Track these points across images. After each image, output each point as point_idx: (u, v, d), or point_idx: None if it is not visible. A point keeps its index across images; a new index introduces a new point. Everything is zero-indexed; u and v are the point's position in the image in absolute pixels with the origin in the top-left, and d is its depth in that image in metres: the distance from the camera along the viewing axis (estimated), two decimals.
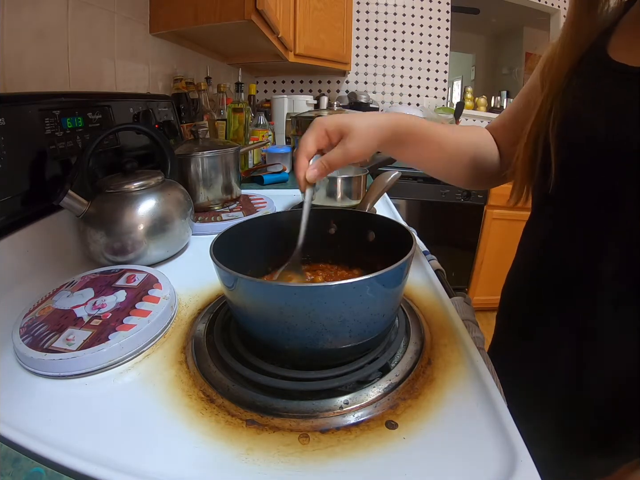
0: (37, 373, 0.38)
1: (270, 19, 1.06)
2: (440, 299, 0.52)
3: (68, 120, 0.63)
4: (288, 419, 0.33)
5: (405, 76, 2.43)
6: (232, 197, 0.89)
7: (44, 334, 0.40)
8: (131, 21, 0.91)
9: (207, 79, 1.28)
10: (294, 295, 0.33)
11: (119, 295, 0.47)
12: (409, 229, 0.44)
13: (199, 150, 0.81)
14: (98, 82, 0.80)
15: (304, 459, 0.29)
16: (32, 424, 0.32)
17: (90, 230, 0.56)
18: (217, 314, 0.46)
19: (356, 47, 2.35)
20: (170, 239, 0.62)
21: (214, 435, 0.31)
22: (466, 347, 0.42)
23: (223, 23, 0.96)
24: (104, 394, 0.36)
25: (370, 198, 0.61)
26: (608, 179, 0.41)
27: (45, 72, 0.64)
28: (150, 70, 1.02)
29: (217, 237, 0.42)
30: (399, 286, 0.38)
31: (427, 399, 0.35)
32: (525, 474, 0.27)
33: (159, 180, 0.63)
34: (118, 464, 0.28)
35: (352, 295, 0.33)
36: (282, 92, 2.42)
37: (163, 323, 0.45)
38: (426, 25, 2.35)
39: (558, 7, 2.40)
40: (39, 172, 0.56)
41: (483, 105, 2.53)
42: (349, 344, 0.36)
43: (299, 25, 1.64)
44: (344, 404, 0.34)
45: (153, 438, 0.31)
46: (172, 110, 1.02)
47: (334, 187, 0.83)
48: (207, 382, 0.37)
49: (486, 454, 0.29)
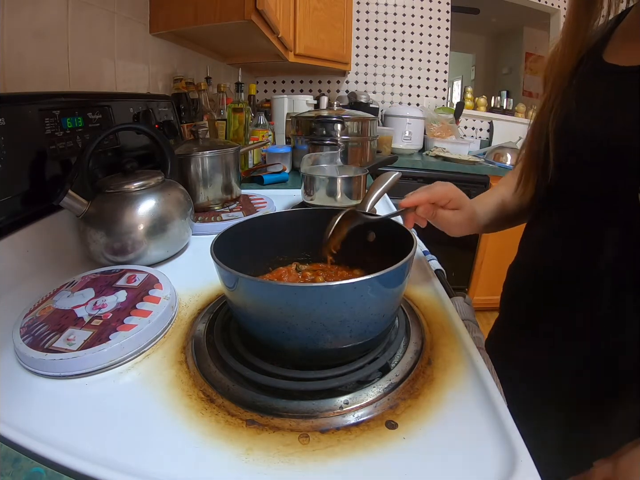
0: (37, 373, 0.38)
1: (270, 19, 1.06)
2: (440, 299, 0.52)
3: (68, 120, 0.63)
4: (288, 419, 0.33)
5: (405, 76, 2.43)
6: (232, 197, 0.89)
7: (45, 334, 0.40)
8: (131, 21, 0.91)
9: (207, 79, 1.28)
10: (295, 295, 0.33)
11: (120, 295, 0.47)
12: (409, 229, 0.44)
13: (199, 150, 0.81)
14: (98, 82, 0.80)
15: (304, 459, 0.29)
16: (32, 424, 0.32)
17: (90, 230, 0.56)
18: (217, 314, 0.46)
19: (356, 47, 2.35)
20: (170, 239, 0.62)
21: (214, 435, 0.31)
22: (466, 347, 0.42)
23: (223, 23, 0.96)
24: (104, 394, 0.36)
25: (370, 198, 0.61)
26: (603, 176, 0.43)
27: (45, 72, 0.64)
28: (150, 70, 1.02)
29: (218, 237, 0.42)
30: (399, 286, 0.38)
31: (427, 399, 0.35)
32: (525, 474, 0.27)
33: (159, 180, 0.63)
34: (118, 464, 0.28)
35: (353, 295, 0.33)
36: (282, 92, 2.42)
37: (164, 323, 0.45)
38: (426, 25, 2.35)
39: (558, 7, 2.40)
40: (39, 172, 0.56)
41: (483, 105, 2.53)
42: (349, 344, 0.36)
43: (299, 25, 1.63)
44: (344, 404, 0.34)
45: (153, 438, 0.31)
46: (172, 110, 1.02)
47: (334, 187, 0.83)
48: (207, 382, 0.37)
49: (486, 454, 0.29)
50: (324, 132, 1.26)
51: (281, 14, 1.31)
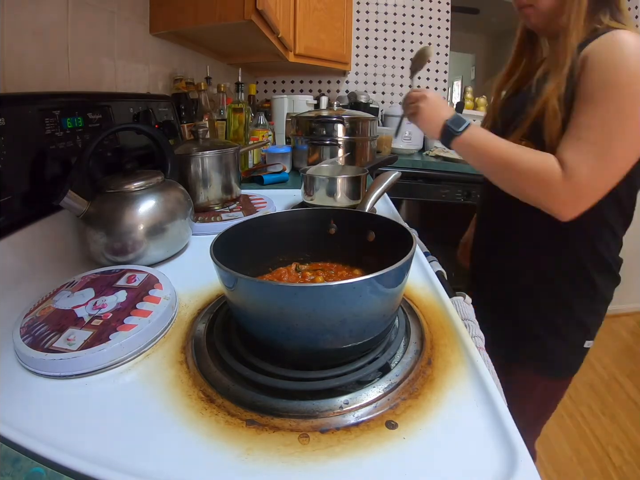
0: (37, 373, 0.38)
1: (270, 19, 1.06)
2: (440, 299, 0.52)
3: (68, 120, 0.63)
4: (288, 419, 0.33)
5: (405, 76, 2.42)
6: (232, 197, 0.89)
7: (45, 334, 0.40)
8: (131, 21, 0.91)
9: (207, 79, 1.28)
10: (295, 295, 0.33)
11: (120, 295, 0.47)
12: (409, 230, 0.44)
13: (199, 150, 0.81)
14: (98, 82, 0.80)
15: (304, 459, 0.29)
16: (32, 424, 0.32)
17: (90, 230, 0.56)
18: (217, 314, 0.46)
19: (356, 47, 2.34)
20: (170, 239, 0.62)
21: (213, 435, 0.31)
22: (466, 347, 0.42)
23: (223, 23, 0.96)
24: (104, 394, 0.36)
25: (370, 198, 0.61)
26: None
27: (45, 72, 0.64)
28: (150, 70, 1.02)
29: (217, 237, 0.42)
30: (399, 286, 0.38)
31: (427, 399, 0.35)
32: (525, 474, 0.27)
33: (159, 180, 0.63)
34: (118, 464, 0.28)
35: (353, 295, 0.33)
36: (282, 92, 2.42)
37: (164, 323, 0.45)
38: (426, 25, 2.35)
39: None
40: (39, 172, 0.56)
41: (483, 105, 2.53)
42: (349, 344, 0.36)
43: (299, 25, 1.63)
44: (344, 404, 0.34)
45: (153, 438, 0.31)
46: (172, 110, 1.02)
47: (334, 187, 0.83)
48: (207, 382, 0.37)
49: (486, 454, 0.29)
50: (324, 132, 1.26)
51: (281, 14, 1.31)
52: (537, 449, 0.89)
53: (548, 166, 0.59)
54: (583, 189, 0.58)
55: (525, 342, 0.74)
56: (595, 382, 1.69)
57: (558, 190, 0.58)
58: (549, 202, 0.60)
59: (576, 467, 1.31)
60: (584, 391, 1.64)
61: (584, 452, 1.37)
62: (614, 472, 1.28)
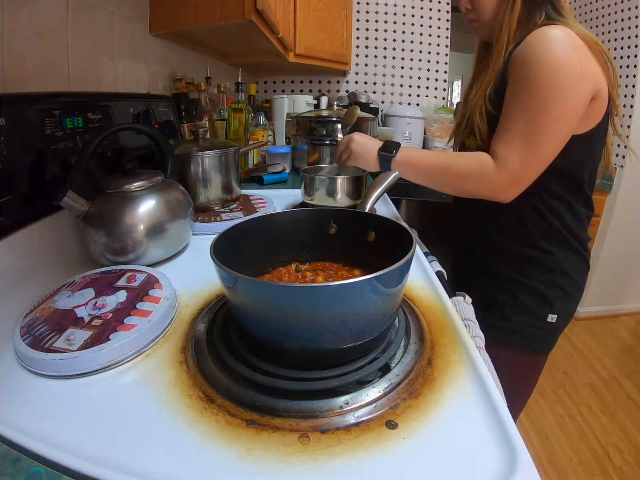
0: (37, 373, 0.38)
1: (270, 19, 1.06)
2: (440, 299, 0.52)
3: (68, 120, 0.63)
4: (288, 419, 0.33)
5: (405, 76, 2.42)
6: (232, 197, 0.89)
7: (45, 334, 0.40)
8: (131, 21, 0.91)
9: (207, 79, 1.28)
10: (295, 295, 0.33)
11: (120, 295, 0.47)
12: (409, 230, 0.44)
13: (199, 150, 0.81)
14: (98, 82, 0.80)
15: (304, 459, 0.29)
16: (32, 424, 0.32)
17: (90, 230, 0.56)
18: (217, 314, 0.46)
19: (356, 47, 2.34)
20: (170, 239, 0.62)
21: (213, 435, 0.31)
22: (466, 347, 0.42)
23: (223, 23, 0.96)
24: (104, 394, 0.36)
25: (370, 198, 0.61)
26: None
27: (45, 72, 0.64)
28: (150, 70, 1.02)
29: (217, 237, 0.42)
30: (399, 286, 0.38)
31: (427, 399, 0.35)
32: (525, 474, 0.27)
33: (159, 180, 0.63)
34: (118, 463, 0.28)
35: (352, 295, 0.33)
36: (282, 92, 2.42)
37: (164, 323, 0.45)
38: (426, 25, 2.34)
39: None
40: (39, 172, 0.56)
41: None
42: (349, 344, 0.36)
43: (299, 25, 1.63)
44: (344, 404, 0.34)
45: (153, 438, 0.31)
46: (172, 110, 1.02)
47: (334, 187, 0.83)
48: (207, 382, 0.37)
49: (486, 454, 0.29)
50: (324, 132, 1.26)
51: (281, 14, 1.31)
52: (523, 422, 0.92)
53: (481, 161, 0.66)
54: (515, 174, 0.64)
55: (494, 316, 0.77)
56: (595, 382, 1.69)
57: (494, 179, 0.65)
58: (489, 192, 0.67)
59: (576, 467, 1.31)
60: (584, 391, 1.64)
61: (584, 452, 1.37)
62: (614, 472, 1.29)
